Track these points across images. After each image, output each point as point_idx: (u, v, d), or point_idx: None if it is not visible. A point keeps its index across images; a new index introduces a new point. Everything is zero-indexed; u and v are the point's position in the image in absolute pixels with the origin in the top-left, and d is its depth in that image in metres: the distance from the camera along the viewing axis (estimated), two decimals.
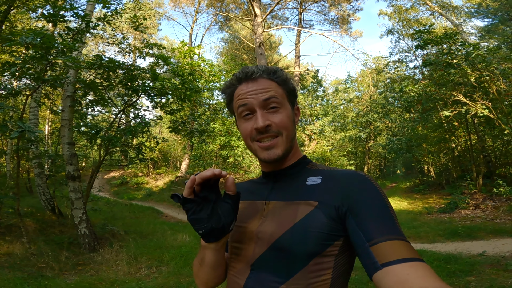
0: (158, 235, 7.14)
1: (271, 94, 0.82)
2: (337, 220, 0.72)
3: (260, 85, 0.83)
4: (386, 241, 0.64)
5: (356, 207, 0.71)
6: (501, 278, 3.72)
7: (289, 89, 0.87)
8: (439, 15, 15.40)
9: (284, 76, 0.86)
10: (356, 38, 22.04)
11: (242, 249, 0.82)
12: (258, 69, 0.84)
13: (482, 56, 7.71)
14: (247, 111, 0.83)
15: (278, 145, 0.81)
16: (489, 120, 8.92)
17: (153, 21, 21.60)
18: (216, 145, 15.05)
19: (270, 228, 0.78)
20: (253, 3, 12.45)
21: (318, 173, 0.83)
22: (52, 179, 8.25)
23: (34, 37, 3.86)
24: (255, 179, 0.98)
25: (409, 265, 0.60)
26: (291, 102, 0.88)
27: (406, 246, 0.64)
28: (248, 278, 0.78)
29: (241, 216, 0.86)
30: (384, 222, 0.68)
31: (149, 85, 6.52)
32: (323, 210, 0.74)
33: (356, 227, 0.69)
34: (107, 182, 19.79)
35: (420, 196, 13.11)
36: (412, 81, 11.47)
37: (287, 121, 0.83)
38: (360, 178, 0.76)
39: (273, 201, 0.83)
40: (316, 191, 0.78)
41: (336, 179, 0.78)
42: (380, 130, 21.15)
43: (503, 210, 7.65)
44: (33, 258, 4.81)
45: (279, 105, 0.82)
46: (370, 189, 0.73)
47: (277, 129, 0.81)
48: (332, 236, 0.72)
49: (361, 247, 0.67)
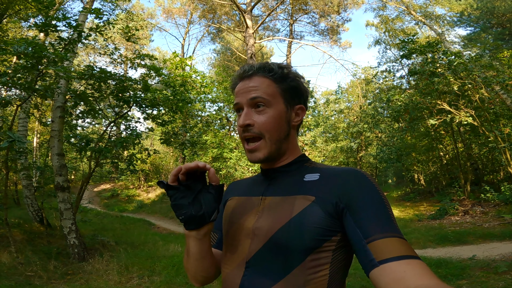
0: (149, 245, 7.05)
1: (257, 93, 0.81)
2: (335, 216, 0.72)
3: (251, 83, 0.83)
4: (383, 238, 0.65)
5: (353, 204, 0.71)
6: (491, 280, 3.77)
7: (288, 87, 0.85)
8: (423, 25, 15.82)
9: (282, 73, 0.84)
10: (346, 48, 22.48)
11: (238, 246, 0.81)
12: (253, 66, 0.84)
13: (464, 64, 7.91)
14: (239, 109, 0.85)
15: (260, 149, 0.81)
16: (474, 128, 9.11)
17: (145, 32, 21.74)
18: (208, 157, 15.02)
19: (266, 223, 0.77)
20: (244, 15, 12.65)
21: (316, 170, 0.82)
22: (40, 190, 8.13)
23: (26, 46, 3.87)
24: (254, 176, 0.97)
25: (406, 263, 0.61)
26: (287, 101, 0.85)
27: (403, 244, 0.65)
28: (244, 276, 0.76)
29: (237, 212, 0.86)
30: (381, 220, 0.68)
31: (140, 96, 6.53)
32: (320, 205, 0.73)
33: (353, 224, 0.69)
34: (97, 194, 19.51)
35: (411, 204, 13.21)
36: (400, 90, 11.68)
37: (271, 122, 0.81)
38: (358, 175, 0.76)
39: (270, 197, 0.82)
40: (314, 186, 0.77)
41: (334, 176, 0.78)
42: (371, 140, 21.35)
43: (492, 215, 7.77)
44: (20, 267, 4.74)
45: (266, 105, 0.81)
46: (368, 187, 0.73)
47: (259, 131, 0.80)
48: (329, 232, 0.72)
49: (358, 244, 0.67)
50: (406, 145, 13.64)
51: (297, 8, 17.58)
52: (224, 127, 17.05)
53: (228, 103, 15.15)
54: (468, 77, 7.93)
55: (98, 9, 5.10)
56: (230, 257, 0.82)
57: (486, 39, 14.02)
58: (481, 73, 7.98)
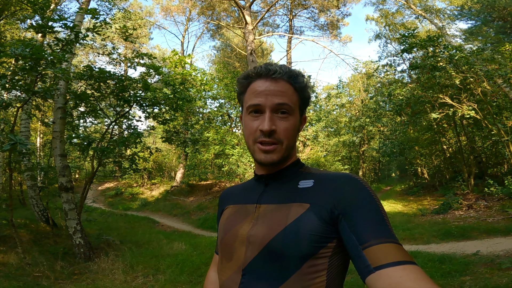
0: (154, 244, 7.10)
1: (285, 100, 0.80)
2: (330, 223, 0.72)
3: (278, 87, 0.80)
4: (378, 244, 0.65)
5: (348, 210, 0.71)
6: (495, 277, 3.75)
7: (304, 98, 0.86)
8: (423, 19, 15.70)
9: (303, 83, 0.85)
10: (346, 43, 22.35)
11: (233, 253, 0.80)
12: (281, 70, 0.81)
13: (466, 58, 7.85)
14: (257, 109, 0.81)
15: (276, 152, 0.80)
16: (477, 121, 9.05)
17: (144, 30, 21.68)
18: (210, 154, 15.04)
19: (261, 231, 0.76)
20: (243, 11, 12.57)
21: (310, 177, 0.83)
22: (45, 191, 8.18)
23: (24, 48, 3.87)
24: (246, 182, 0.97)
25: (402, 268, 0.61)
26: (301, 111, 0.86)
27: (399, 249, 0.65)
28: (241, 283, 0.76)
29: (232, 220, 0.86)
30: (377, 225, 0.68)
31: (140, 95, 6.53)
32: (315, 212, 0.73)
33: (348, 230, 0.69)
34: (101, 193, 19.60)
35: (414, 198, 13.19)
36: (401, 85, 11.62)
37: (291, 130, 0.81)
38: (352, 181, 0.76)
39: (264, 204, 0.82)
40: (308, 193, 0.78)
41: (328, 182, 0.78)
42: (373, 134, 21.31)
43: (496, 210, 7.71)
44: (28, 267, 4.78)
45: (290, 113, 0.81)
46: (362, 192, 0.73)
47: (279, 137, 0.80)
48: (325, 238, 0.72)
49: (354, 251, 0.67)
50: (408, 138, 13.60)
51: (296, 3, 17.48)
52: (226, 124, 17.06)
53: (229, 100, 15.14)
54: (470, 71, 7.86)
55: (94, 9, 5.08)
56: (226, 264, 0.82)
57: (488, 32, 13.89)
58: (483, 66, 7.91)
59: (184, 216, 13.43)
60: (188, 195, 16.32)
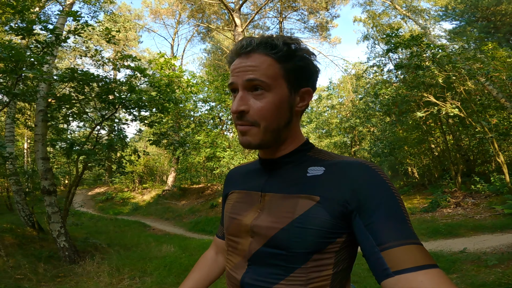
0: (142, 247, 7.05)
1: (255, 75, 0.70)
2: (341, 218, 0.66)
3: (249, 61, 0.71)
4: (399, 246, 0.59)
5: (364, 206, 0.64)
6: (482, 274, 3.78)
7: (294, 68, 0.73)
8: (408, 19, 15.93)
9: (288, 50, 0.72)
10: (335, 44, 22.52)
11: (239, 243, 0.77)
12: (253, 41, 0.72)
13: (448, 56, 7.95)
14: (233, 88, 0.74)
15: (251, 134, 0.72)
16: (462, 120, 9.16)
17: (133, 33, 21.59)
18: (201, 157, 14.99)
19: (266, 223, 0.71)
20: (233, 13, 12.63)
21: (320, 163, 0.74)
22: (30, 195, 8.08)
23: (3, 50, 3.84)
24: (251, 163, 0.90)
25: (423, 273, 0.56)
26: (292, 84, 0.73)
27: (421, 251, 0.59)
28: (246, 273, 0.73)
29: (236, 208, 0.81)
30: (396, 223, 0.61)
31: (125, 97, 6.49)
32: (325, 206, 0.67)
33: (364, 228, 0.63)
34: (91, 198, 19.41)
35: (404, 197, 13.23)
36: (388, 85, 11.72)
37: (269, 109, 0.70)
38: (367, 171, 0.68)
39: (270, 193, 0.76)
40: (318, 183, 0.70)
41: (341, 171, 0.70)
42: (364, 135, 21.44)
43: (483, 207, 7.79)
44: (10, 270, 4.73)
45: (266, 89, 0.70)
46: (380, 185, 0.66)
47: (254, 119, 0.70)
48: (333, 234, 0.66)
49: (370, 251, 0.62)
50: (398, 138, 13.70)
51: (286, 5, 17.61)
52: (217, 127, 17.03)
53: (219, 102, 15.12)
54: (453, 70, 7.97)
55: (75, 11, 5.07)
56: (231, 253, 0.80)
57: (471, 32, 14.11)
58: (465, 65, 8.02)
59: (176, 219, 13.37)
60: (180, 198, 16.26)
